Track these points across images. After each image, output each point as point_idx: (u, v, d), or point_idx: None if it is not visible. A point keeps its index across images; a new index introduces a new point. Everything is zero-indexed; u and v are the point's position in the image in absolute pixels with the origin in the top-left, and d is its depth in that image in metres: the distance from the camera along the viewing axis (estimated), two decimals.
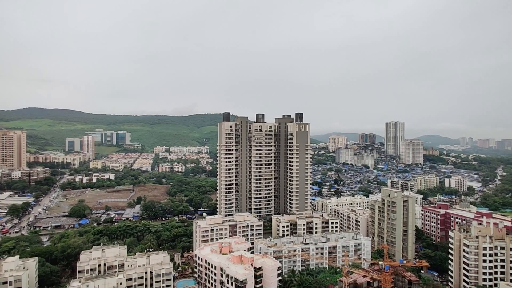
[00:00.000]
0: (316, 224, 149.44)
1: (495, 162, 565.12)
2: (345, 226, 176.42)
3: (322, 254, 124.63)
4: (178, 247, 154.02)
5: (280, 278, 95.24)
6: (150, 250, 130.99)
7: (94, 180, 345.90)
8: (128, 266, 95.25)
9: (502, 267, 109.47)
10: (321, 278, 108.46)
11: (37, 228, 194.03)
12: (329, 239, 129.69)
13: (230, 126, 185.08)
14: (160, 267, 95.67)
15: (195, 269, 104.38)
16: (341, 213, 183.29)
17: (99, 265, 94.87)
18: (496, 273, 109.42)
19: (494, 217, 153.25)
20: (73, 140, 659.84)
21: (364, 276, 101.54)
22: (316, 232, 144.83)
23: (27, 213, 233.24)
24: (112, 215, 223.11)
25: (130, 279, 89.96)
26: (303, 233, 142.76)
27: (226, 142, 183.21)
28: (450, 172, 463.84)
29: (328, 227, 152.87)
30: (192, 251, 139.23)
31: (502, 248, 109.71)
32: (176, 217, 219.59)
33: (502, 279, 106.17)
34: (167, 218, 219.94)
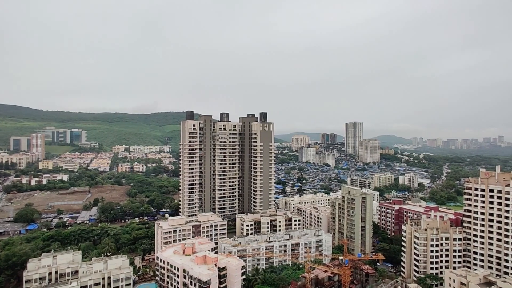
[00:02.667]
0: (279, 222, 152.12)
1: (441, 160, 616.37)
2: (307, 223, 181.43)
3: (285, 251, 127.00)
4: (139, 250, 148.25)
5: (244, 277, 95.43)
6: (108, 254, 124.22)
7: (44, 181, 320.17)
8: (83, 272, 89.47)
9: (447, 256, 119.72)
10: (284, 275, 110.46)
11: None
12: (292, 236, 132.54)
13: (194, 125, 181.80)
14: (118, 271, 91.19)
15: (156, 272, 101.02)
16: (303, 211, 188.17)
17: (50, 273, 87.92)
18: (441, 261, 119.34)
19: (440, 210, 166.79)
20: (19, 138, 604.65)
21: (325, 271, 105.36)
22: (279, 230, 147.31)
23: None
24: (65, 219, 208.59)
25: (85, 286, 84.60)
26: (267, 231, 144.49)
27: (190, 141, 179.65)
28: (404, 170, 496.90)
29: (291, 224, 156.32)
30: (154, 253, 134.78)
31: (447, 238, 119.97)
32: (136, 219, 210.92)
33: (446, 267, 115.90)
34: (127, 220, 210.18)
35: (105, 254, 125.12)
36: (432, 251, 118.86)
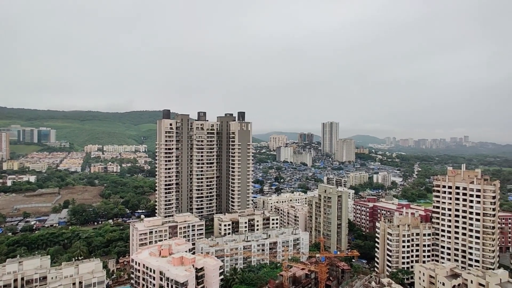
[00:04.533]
0: (257, 221, 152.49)
1: (413, 159, 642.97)
2: (285, 222, 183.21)
3: (263, 250, 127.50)
4: (113, 252, 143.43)
5: (222, 277, 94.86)
6: (80, 258, 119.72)
7: (9, 183, 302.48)
8: (52, 278, 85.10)
9: (417, 250, 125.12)
10: (262, 274, 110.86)
11: None
12: (270, 235, 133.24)
13: (170, 124, 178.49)
14: (91, 276, 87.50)
15: (131, 275, 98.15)
16: (281, 210, 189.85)
17: (15, 280, 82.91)
18: (412, 256, 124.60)
19: (411, 207, 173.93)
20: None
21: (302, 269, 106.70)
22: (257, 229, 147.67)
23: None
24: (32, 222, 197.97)
25: None
26: (245, 230, 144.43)
27: (166, 141, 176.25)
28: (378, 169, 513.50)
29: (269, 223, 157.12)
30: (129, 256, 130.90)
31: (417, 234, 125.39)
32: (110, 221, 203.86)
33: (417, 261, 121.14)
34: (100, 223, 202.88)
35: (76, 258, 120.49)
36: (404, 246, 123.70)
